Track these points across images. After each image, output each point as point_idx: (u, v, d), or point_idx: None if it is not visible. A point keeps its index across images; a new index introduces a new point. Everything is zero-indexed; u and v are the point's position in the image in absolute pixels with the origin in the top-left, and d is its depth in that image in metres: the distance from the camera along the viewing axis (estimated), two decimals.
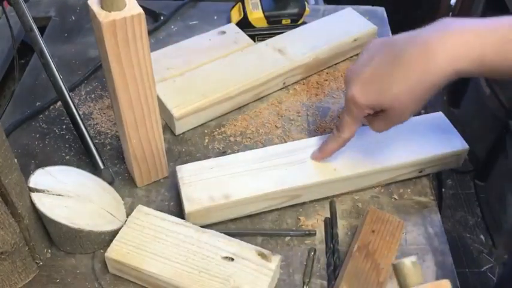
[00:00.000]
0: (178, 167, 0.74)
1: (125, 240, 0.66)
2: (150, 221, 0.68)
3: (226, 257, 0.64)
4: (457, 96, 1.89)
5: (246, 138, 0.84)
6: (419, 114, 0.82)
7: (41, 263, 0.68)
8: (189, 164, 0.74)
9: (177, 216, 0.69)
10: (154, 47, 0.96)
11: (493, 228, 1.66)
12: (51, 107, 0.90)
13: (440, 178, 0.87)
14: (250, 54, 0.92)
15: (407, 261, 0.51)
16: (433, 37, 0.57)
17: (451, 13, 2.05)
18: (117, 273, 0.67)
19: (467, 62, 0.56)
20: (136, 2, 0.59)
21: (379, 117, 0.65)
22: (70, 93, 0.81)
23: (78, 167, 0.75)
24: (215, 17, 1.09)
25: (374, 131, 0.68)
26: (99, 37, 0.59)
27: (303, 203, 0.75)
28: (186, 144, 0.84)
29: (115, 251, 0.65)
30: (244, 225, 0.73)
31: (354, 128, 0.68)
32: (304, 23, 1.01)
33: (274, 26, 1.00)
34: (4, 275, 0.63)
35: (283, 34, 0.96)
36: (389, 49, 0.61)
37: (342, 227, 0.73)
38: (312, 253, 0.69)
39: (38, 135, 0.85)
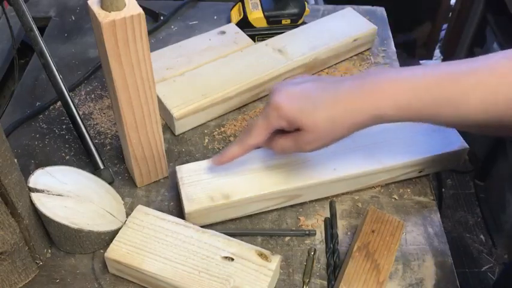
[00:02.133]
0: (178, 167, 0.74)
1: (124, 240, 0.66)
2: (150, 221, 0.68)
3: (226, 257, 0.64)
4: None
5: None
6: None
7: (41, 263, 0.68)
8: (189, 164, 0.74)
9: (177, 216, 0.69)
10: (154, 47, 0.96)
11: (493, 228, 1.66)
12: (51, 107, 0.90)
13: (440, 178, 0.87)
14: (250, 54, 0.92)
15: None
16: (355, 87, 0.61)
17: (450, 13, 2.05)
18: (117, 273, 0.67)
19: (388, 109, 0.59)
20: (136, 2, 0.59)
21: (288, 136, 0.65)
22: (70, 93, 0.81)
23: (78, 167, 0.75)
24: (215, 17, 1.09)
25: (275, 151, 0.68)
26: (99, 37, 0.59)
27: (303, 203, 0.75)
28: (186, 144, 0.84)
29: (115, 251, 0.65)
30: (244, 225, 0.73)
31: (263, 135, 0.66)
32: (304, 23, 1.01)
33: (274, 26, 1.00)
34: (4, 275, 0.63)
35: (283, 34, 0.96)
36: (322, 82, 0.64)
37: (341, 227, 0.73)
38: (312, 253, 0.69)
39: (38, 135, 0.85)
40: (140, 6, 0.59)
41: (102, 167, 0.77)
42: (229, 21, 1.05)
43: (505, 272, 0.63)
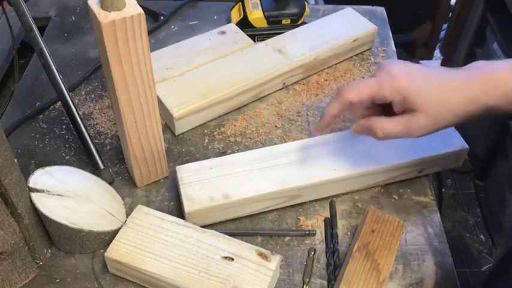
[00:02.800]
0: (178, 167, 0.74)
1: (124, 240, 0.66)
2: (150, 221, 0.68)
3: (226, 257, 0.64)
4: None
5: (245, 138, 0.84)
6: None
7: (41, 263, 0.68)
8: (189, 164, 0.74)
9: (177, 216, 0.69)
10: (154, 47, 0.96)
11: (493, 228, 1.66)
12: (51, 107, 0.90)
13: (440, 178, 0.87)
14: (250, 54, 0.92)
15: None
16: (473, 77, 0.61)
17: (450, 13, 2.05)
18: (117, 273, 0.67)
19: (497, 97, 0.60)
20: (136, 2, 0.59)
21: (396, 119, 0.62)
22: (70, 93, 0.81)
23: (78, 167, 0.75)
24: (215, 17, 1.09)
25: (376, 136, 0.63)
26: (99, 37, 0.59)
27: (303, 203, 0.75)
28: (186, 144, 0.84)
29: (115, 251, 0.65)
30: (244, 225, 0.73)
31: (365, 95, 0.61)
32: (304, 23, 1.01)
33: (274, 26, 1.00)
34: (4, 275, 0.63)
35: (283, 34, 0.96)
36: (436, 70, 0.64)
37: (342, 227, 0.73)
38: (312, 253, 0.69)
39: (38, 135, 0.85)
40: (140, 6, 0.59)
41: (102, 167, 0.77)
42: (229, 21, 1.05)
43: (506, 255, 0.63)
